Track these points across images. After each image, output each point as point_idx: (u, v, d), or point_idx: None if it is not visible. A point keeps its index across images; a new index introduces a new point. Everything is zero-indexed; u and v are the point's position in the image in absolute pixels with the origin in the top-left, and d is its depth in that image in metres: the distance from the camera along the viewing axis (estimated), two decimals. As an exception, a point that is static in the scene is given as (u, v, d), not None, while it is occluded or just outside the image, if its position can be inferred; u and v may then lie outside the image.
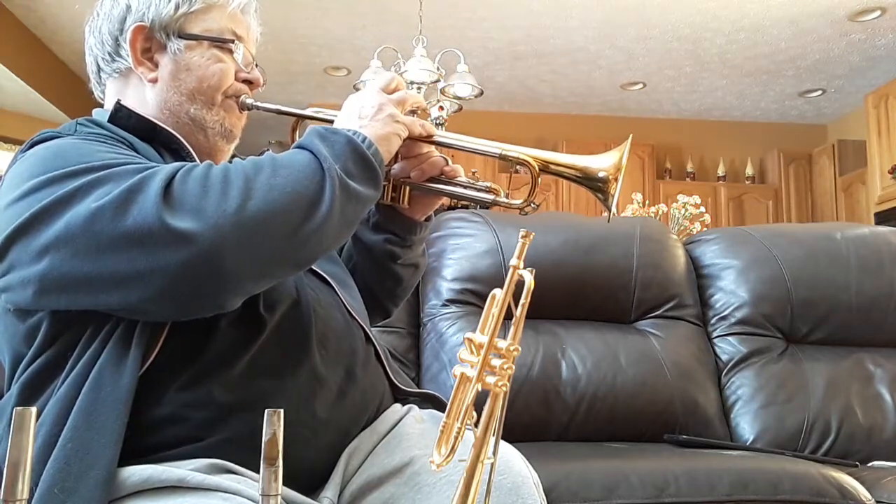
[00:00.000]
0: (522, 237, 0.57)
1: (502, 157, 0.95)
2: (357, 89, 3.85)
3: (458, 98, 3.91)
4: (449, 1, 4.65)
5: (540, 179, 0.94)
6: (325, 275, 0.97)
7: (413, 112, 0.96)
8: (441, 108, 3.85)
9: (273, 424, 0.48)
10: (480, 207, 1.03)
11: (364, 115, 0.90)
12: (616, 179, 0.92)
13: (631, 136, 0.99)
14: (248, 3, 1.01)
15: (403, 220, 1.07)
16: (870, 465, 1.60)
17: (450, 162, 1.01)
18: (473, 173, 1.03)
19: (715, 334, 1.88)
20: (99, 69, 0.99)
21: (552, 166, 0.94)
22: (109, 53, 0.96)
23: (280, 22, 4.97)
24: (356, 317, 0.96)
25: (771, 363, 1.81)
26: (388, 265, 1.09)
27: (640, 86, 6.08)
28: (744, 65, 5.61)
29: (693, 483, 1.28)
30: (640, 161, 6.53)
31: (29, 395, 0.79)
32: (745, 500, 1.28)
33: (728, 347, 1.85)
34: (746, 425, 1.74)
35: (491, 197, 0.98)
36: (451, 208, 2.66)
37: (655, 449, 1.57)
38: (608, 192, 0.92)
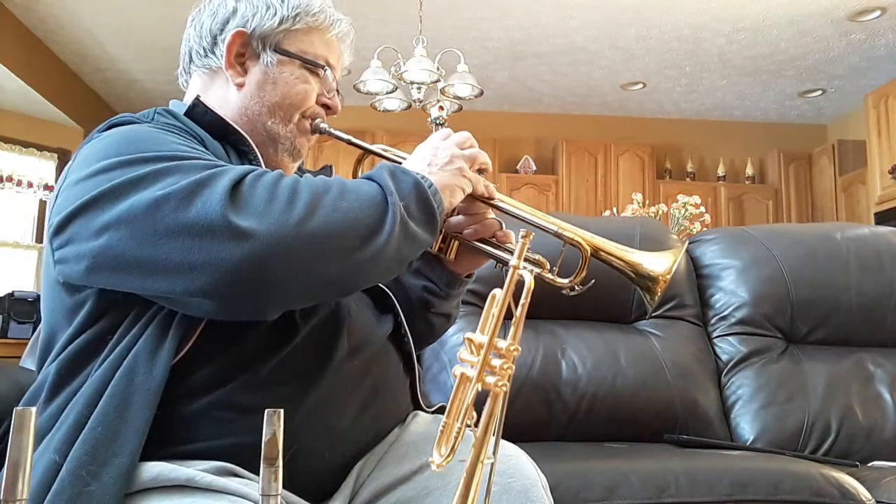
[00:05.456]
0: (522, 237, 0.57)
1: (558, 235, 0.96)
2: (357, 89, 3.86)
3: (458, 98, 3.91)
4: (449, 1, 4.65)
5: (589, 262, 0.94)
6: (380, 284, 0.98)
7: (480, 171, 0.97)
8: (441, 108, 3.85)
9: (273, 424, 0.48)
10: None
11: (435, 162, 0.92)
12: (665, 282, 0.92)
13: (687, 243, 0.98)
14: (347, 33, 1.03)
15: (445, 272, 1.07)
16: (870, 465, 1.60)
17: (503, 226, 1.02)
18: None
19: (715, 334, 1.88)
20: (190, 60, 1.02)
21: (603, 254, 0.95)
22: (205, 49, 0.99)
23: (280, 22, 4.97)
24: (404, 330, 0.98)
25: (771, 363, 1.81)
26: (421, 311, 1.09)
27: (640, 86, 6.08)
28: (744, 65, 5.60)
29: (693, 483, 1.28)
30: (640, 161, 6.53)
31: (67, 375, 0.81)
32: (745, 500, 1.28)
33: (728, 347, 1.85)
34: (746, 425, 1.73)
35: (538, 270, 0.97)
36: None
37: (655, 449, 1.57)
38: (654, 292, 0.93)
